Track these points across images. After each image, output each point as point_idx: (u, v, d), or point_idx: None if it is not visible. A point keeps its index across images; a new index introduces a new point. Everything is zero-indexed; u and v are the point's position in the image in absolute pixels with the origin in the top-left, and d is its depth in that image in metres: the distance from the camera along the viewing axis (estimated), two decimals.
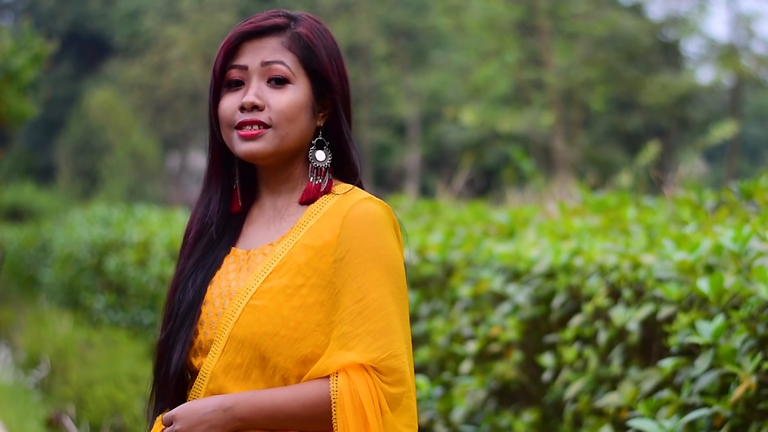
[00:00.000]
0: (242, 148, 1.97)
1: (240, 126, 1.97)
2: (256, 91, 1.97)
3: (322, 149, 2.02)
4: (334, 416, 1.86)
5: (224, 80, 2.01)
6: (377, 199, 1.98)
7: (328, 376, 1.88)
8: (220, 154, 2.06)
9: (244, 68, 1.99)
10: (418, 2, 29.93)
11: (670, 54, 26.07)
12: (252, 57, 1.98)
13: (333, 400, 1.86)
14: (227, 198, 2.07)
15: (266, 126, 1.96)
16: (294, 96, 1.97)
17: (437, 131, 27.87)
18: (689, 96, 24.31)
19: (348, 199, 1.97)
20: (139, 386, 6.83)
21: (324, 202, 1.98)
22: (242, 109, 1.97)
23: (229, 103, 1.99)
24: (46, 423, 6.70)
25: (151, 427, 2.03)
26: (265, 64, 1.97)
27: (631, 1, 26.44)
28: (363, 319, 1.90)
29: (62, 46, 17.66)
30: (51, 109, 30.39)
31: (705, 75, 31.74)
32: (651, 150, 10.94)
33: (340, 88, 2.02)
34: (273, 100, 1.96)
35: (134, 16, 34.11)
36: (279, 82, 1.97)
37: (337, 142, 2.03)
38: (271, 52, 1.98)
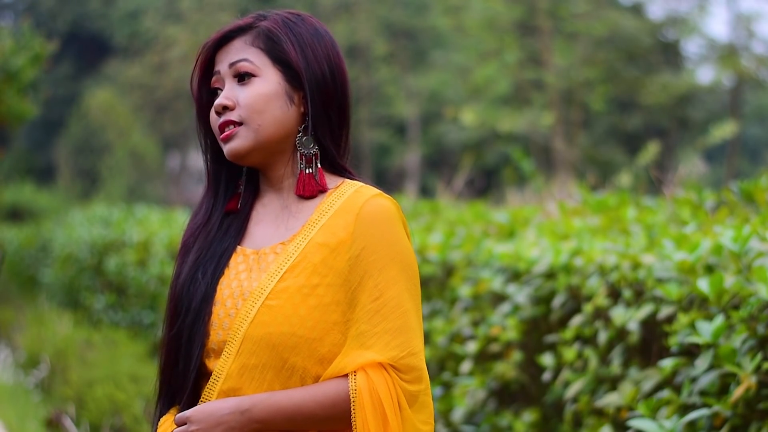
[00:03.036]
0: (225, 150, 1.99)
1: (221, 130, 1.99)
2: (226, 92, 1.98)
3: (308, 135, 1.99)
4: (353, 415, 1.85)
5: (208, 93, 2.03)
6: (387, 195, 1.97)
7: (346, 375, 1.87)
8: (214, 171, 2.07)
9: (218, 73, 2.01)
10: (418, 2, 29.93)
11: (670, 54, 26.09)
12: (222, 63, 2.00)
13: (352, 399, 1.85)
14: (224, 201, 2.07)
15: (239, 123, 1.97)
16: (259, 88, 1.96)
17: (437, 131, 27.88)
18: (689, 96, 24.34)
19: (359, 196, 1.95)
20: (139, 386, 6.82)
21: (335, 200, 1.96)
22: (218, 113, 1.99)
23: (211, 111, 2.01)
24: (46, 423, 6.69)
25: (156, 425, 1.99)
26: (231, 65, 1.99)
27: (631, 1, 26.45)
28: (380, 317, 1.89)
29: (62, 46, 17.65)
30: (51, 109, 30.41)
31: (705, 75, 31.77)
32: (651, 150, 10.97)
33: (312, 73, 1.98)
34: (240, 96, 1.97)
35: (134, 16, 34.11)
36: (244, 77, 1.98)
37: (312, 126, 2.00)
38: (236, 53, 1.99)
